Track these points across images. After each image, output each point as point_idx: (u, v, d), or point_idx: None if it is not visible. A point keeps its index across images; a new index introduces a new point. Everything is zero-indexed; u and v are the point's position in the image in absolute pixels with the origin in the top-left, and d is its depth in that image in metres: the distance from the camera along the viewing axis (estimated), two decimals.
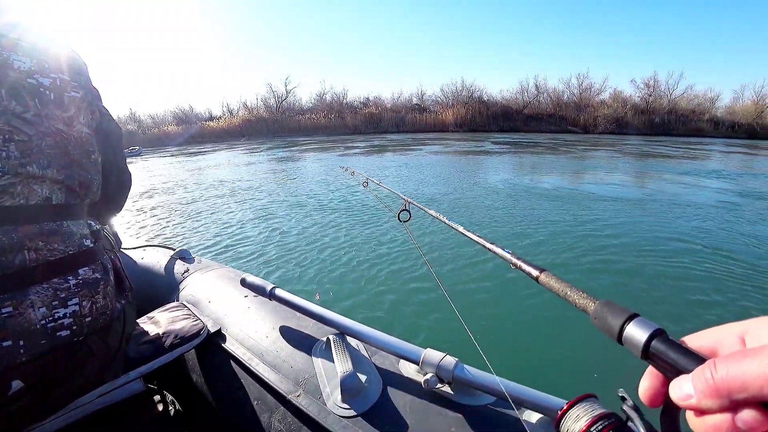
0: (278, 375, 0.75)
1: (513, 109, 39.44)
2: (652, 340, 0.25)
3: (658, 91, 40.93)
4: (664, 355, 0.24)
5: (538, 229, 4.47)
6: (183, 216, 5.71)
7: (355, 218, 4.86)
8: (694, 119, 38.38)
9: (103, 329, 0.69)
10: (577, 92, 41.40)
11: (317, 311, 0.81)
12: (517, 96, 41.28)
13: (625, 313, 0.28)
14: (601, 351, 2.09)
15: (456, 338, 2.31)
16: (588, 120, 37.17)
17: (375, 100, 40.17)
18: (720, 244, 4.00)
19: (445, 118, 36.35)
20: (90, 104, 0.73)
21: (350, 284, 3.11)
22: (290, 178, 8.49)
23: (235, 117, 33.46)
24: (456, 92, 39.29)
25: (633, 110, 38.89)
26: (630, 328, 0.27)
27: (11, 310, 0.55)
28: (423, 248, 3.75)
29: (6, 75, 0.58)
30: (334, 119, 34.39)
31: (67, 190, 0.65)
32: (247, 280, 0.94)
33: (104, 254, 0.73)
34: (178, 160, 14.63)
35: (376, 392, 0.66)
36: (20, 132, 0.58)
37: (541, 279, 0.41)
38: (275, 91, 37.65)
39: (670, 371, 0.24)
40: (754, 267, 3.38)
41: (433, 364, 0.64)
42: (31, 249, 0.59)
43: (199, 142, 26.60)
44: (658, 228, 4.51)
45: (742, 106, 39.71)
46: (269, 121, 32.73)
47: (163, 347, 0.82)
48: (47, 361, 0.60)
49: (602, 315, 0.30)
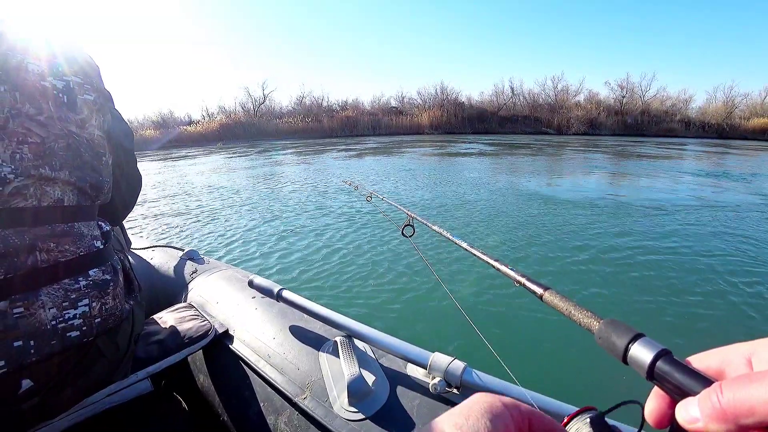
0: (285, 377, 0.75)
1: (488, 111, 39.61)
2: (657, 361, 0.24)
3: (631, 92, 41.58)
4: (669, 376, 0.24)
5: (538, 237, 4.40)
6: (189, 218, 5.75)
7: (360, 229, 4.83)
8: (667, 120, 38.96)
9: (113, 330, 0.69)
10: (552, 94, 41.75)
11: (325, 313, 0.81)
12: (493, 98, 41.56)
13: (630, 332, 0.27)
14: (609, 360, 2.05)
15: (464, 342, 2.30)
16: (561, 121, 37.47)
17: (353, 104, 40.39)
18: (729, 258, 3.88)
19: (421, 121, 36.46)
20: (102, 107, 0.73)
21: (356, 289, 3.11)
22: (290, 186, 8.48)
23: (213, 121, 33.55)
24: (435, 95, 39.54)
25: (607, 111, 39.33)
26: (635, 348, 0.26)
27: (22, 311, 0.56)
28: (429, 259, 3.73)
29: (21, 78, 0.59)
30: (311, 123, 34.59)
31: (79, 191, 0.66)
32: (254, 282, 0.94)
33: (114, 255, 0.74)
34: (166, 165, 14.66)
35: (383, 396, 0.65)
36: (34, 134, 0.59)
37: (545, 298, 0.41)
38: (252, 95, 37.87)
39: (676, 393, 0.23)
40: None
41: (441, 369, 0.63)
42: (43, 250, 0.59)
43: (176, 146, 26.59)
44: (660, 238, 4.41)
45: (713, 107, 40.53)
46: (246, 125, 32.80)
47: (170, 347, 0.83)
48: (57, 361, 0.60)
49: (606, 335, 0.29)
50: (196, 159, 16.80)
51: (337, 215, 5.48)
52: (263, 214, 5.73)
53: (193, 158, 17.08)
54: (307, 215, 5.58)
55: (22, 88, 0.59)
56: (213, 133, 30.97)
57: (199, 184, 9.00)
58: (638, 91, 41.42)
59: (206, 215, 5.84)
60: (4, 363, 0.54)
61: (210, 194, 7.66)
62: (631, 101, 40.83)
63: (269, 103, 38.16)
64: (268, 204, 6.49)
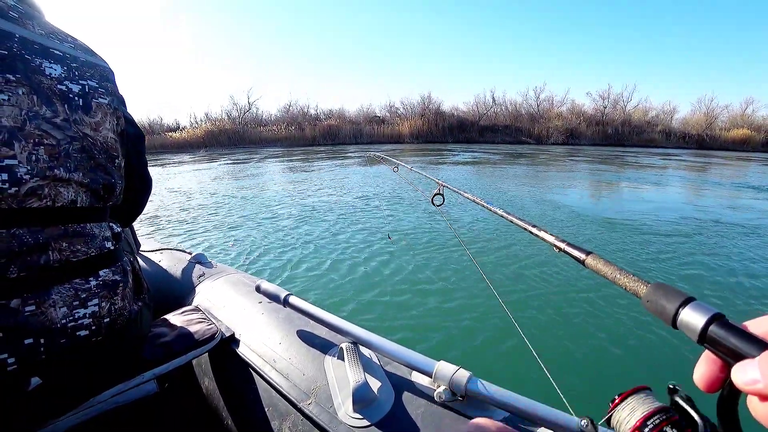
0: (290, 382, 0.74)
1: (469, 120, 39.57)
2: (710, 325, 0.24)
3: (614, 103, 41.76)
4: (724, 339, 0.23)
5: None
6: (196, 221, 5.80)
7: (372, 234, 4.86)
8: (648, 130, 39.11)
9: (121, 330, 0.70)
10: (535, 104, 41.63)
11: (331, 320, 0.81)
12: (474, 108, 41.38)
13: (680, 296, 0.27)
14: (642, 348, 2.14)
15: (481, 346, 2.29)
16: (541, 131, 37.44)
17: (338, 112, 40.49)
18: None
19: (402, 130, 36.47)
20: (116, 110, 0.75)
21: (366, 295, 3.11)
22: (302, 190, 8.58)
23: (198, 128, 33.70)
24: (417, 104, 39.49)
25: (588, 122, 39.35)
26: (686, 313, 0.26)
27: (34, 309, 0.56)
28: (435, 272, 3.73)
29: (38, 81, 0.60)
30: (294, 131, 34.74)
31: (92, 193, 0.67)
32: (261, 287, 0.94)
33: (124, 257, 0.75)
34: (168, 171, 14.79)
35: (387, 403, 0.65)
36: (49, 136, 0.60)
37: (587, 262, 0.40)
38: (236, 104, 37.90)
39: (730, 356, 0.23)
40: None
41: (446, 377, 0.63)
42: (55, 250, 0.60)
43: (159, 152, 26.72)
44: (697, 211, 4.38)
45: (694, 118, 40.85)
46: (230, 132, 33.01)
47: (177, 350, 0.83)
48: (66, 359, 0.61)
49: (655, 298, 0.29)
50: (179, 165, 16.74)
51: (347, 222, 5.51)
52: (267, 218, 5.76)
53: (176, 164, 17.06)
54: (313, 220, 5.60)
55: (39, 90, 0.60)
56: (198, 140, 31.14)
57: (200, 189, 9.08)
58: (620, 102, 41.77)
59: (212, 219, 5.88)
60: (15, 360, 0.55)
61: (214, 199, 7.71)
62: (612, 112, 41.13)
63: (254, 110, 38.47)
64: (269, 208, 6.53)
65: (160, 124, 35.33)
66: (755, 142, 35.95)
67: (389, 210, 5.18)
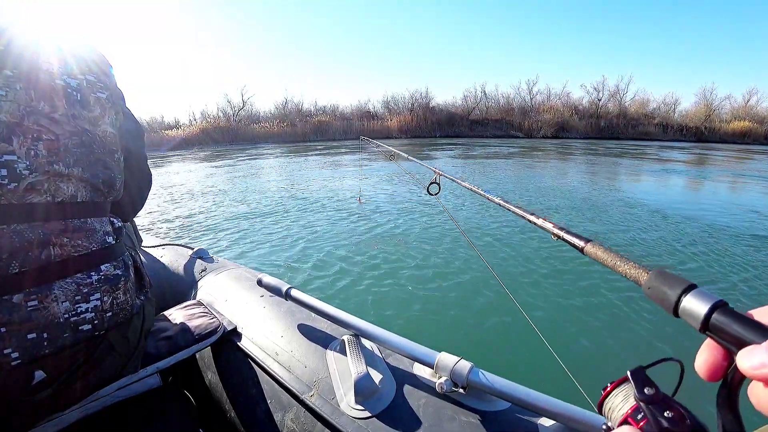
0: (292, 374, 0.75)
1: (458, 115, 39.23)
2: (713, 312, 0.24)
3: (609, 95, 41.19)
4: (727, 327, 0.23)
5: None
6: (199, 217, 5.81)
7: (370, 228, 4.87)
8: (644, 123, 38.41)
9: (123, 324, 0.70)
10: (528, 98, 41.26)
11: (332, 312, 0.81)
12: (463, 103, 41.06)
13: (682, 283, 0.26)
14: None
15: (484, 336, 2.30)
16: (532, 125, 37.06)
17: (331, 108, 40.45)
18: None
19: (390, 125, 36.40)
20: (115, 105, 0.75)
21: (367, 287, 3.12)
22: (299, 184, 8.58)
23: (194, 126, 33.76)
24: (407, 99, 39.34)
25: (579, 114, 38.81)
26: (688, 300, 0.25)
27: (36, 304, 0.57)
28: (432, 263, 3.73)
29: (36, 77, 0.60)
30: (286, 127, 34.75)
31: (92, 188, 0.67)
32: (263, 281, 0.94)
33: (125, 251, 0.75)
34: (166, 169, 14.76)
35: (389, 394, 0.65)
36: (48, 131, 0.60)
37: (587, 249, 0.39)
38: (230, 102, 37.88)
39: (734, 344, 0.23)
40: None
41: (448, 368, 0.63)
42: (56, 245, 0.60)
43: (155, 149, 26.69)
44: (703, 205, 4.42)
45: (696, 110, 40.05)
46: (224, 130, 33.09)
47: (180, 344, 0.84)
48: (69, 353, 0.61)
49: (656, 285, 0.28)
50: (179, 163, 16.71)
51: (346, 215, 5.51)
52: (267, 213, 5.77)
53: (174, 162, 17.02)
54: (313, 214, 5.61)
55: (36, 86, 0.60)
56: (194, 137, 31.15)
57: (199, 185, 9.08)
58: (617, 94, 41.04)
59: (213, 215, 5.89)
60: (18, 355, 0.55)
61: (213, 195, 7.72)
62: (608, 104, 40.48)
63: (249, 107, 38.43)
64: (265, 202, 6.54)
65: (157, 122, 35.30)
66: (756, 134, 35.45)
67: (384, 196, 5.17)
